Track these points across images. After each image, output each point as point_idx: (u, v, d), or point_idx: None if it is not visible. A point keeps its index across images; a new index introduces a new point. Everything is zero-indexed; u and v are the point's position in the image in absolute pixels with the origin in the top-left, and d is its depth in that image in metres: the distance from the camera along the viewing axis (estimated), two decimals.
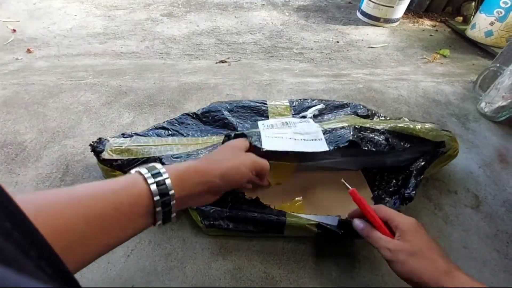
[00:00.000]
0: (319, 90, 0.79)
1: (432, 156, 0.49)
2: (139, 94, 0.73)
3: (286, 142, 0.44)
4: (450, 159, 0.53)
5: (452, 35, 1.45)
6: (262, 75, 0.90)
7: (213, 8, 1.54)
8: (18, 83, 0.76)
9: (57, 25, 1.30)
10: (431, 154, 0.49)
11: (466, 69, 1.11)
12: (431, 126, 0.51)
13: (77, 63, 1.02)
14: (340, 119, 0.53)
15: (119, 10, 1.45)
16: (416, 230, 0.34)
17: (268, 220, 0.42)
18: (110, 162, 0.46)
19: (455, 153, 0.53)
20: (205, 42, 1.25)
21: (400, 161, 0.49)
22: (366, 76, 0.95)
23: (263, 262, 0.43)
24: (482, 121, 0.72)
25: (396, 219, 0.35)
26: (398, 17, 1.47)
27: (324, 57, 1.20)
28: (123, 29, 1.30)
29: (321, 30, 1.41)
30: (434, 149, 0.49)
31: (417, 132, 0.48)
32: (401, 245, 0.33)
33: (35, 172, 0.53)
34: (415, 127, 0.48)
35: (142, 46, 1.19)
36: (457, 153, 0.53)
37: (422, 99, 0.79)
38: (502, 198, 0.54)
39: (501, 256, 0.46)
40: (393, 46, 1.31)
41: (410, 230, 0.34)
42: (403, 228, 0.34)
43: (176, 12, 1.47)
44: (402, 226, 0.34)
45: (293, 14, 1.54)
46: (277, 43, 1.28)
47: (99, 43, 1.19)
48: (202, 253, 0.44)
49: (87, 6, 1.46)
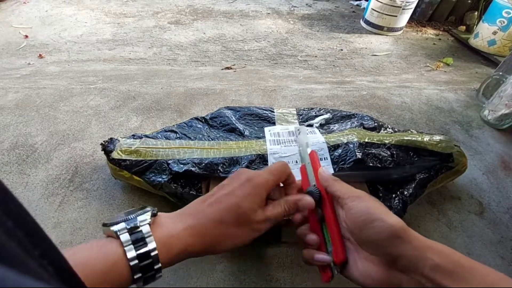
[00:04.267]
0: (323, 97, 0.81)
1: (438, 170, 0.49)
2: (147, 98, 0.75)
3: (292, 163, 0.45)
4: (457, 174, 0.52)
5: (455, 44, 1.47)
6: (267, 82, 0.92)
7: (219, 16, 1.57)
8: (30, 87, 0.78)
9: (68, 31, 1.34)
10: (438, 168, 0.48)
11: (469, 77, 1.12)
12: (440, 138, 0.50)
13: (87, 68, 1.05)
14: (347, 132, 0.53)
15: (128, 17, 1.49)
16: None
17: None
18: (119, 162, 0.47)
19: (463, 169, 0.51)
20: (211, 49, 1.28)
21: (406, 175, 0.49)
22: (370, 83, 0.96)
23: (267, 265, 0.44)
24: (486, 128, 0.72)
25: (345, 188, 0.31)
26: (401, 26, 1.48)
27: (328, 64, 1.22)
28: (132, 36, 1.34)
29: (325, 38, 1.43)
30: (441, 162, 0.48)
31: (425, 145, 0.48)
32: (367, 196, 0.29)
33: (45, 173, 0.54)
34: (423, 140, 0.48)
35: (150, 53, 1.22)
36: (465, 169, 0.52)
37: (426, 106, 0.80)
38: (506, 205, 0.54)
39: (505, 262, 0.46)
40: (397, 54, 1.33)
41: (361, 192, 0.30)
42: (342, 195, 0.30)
43: (184, 20, 1.51)
44: (340, 193, 0.30)
45: (297, 22, 1.57)
46: (282, 51, 1.30)
47: (108, 49, 1.23)
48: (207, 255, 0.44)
49: (97, 14, 1.51)
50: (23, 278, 0.10)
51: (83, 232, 0.46)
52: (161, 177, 0.45)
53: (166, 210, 0.49)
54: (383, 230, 0.25)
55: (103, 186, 0.53)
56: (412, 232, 0.26)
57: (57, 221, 0.47)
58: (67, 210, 0.49)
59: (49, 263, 0.15)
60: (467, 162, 0.52)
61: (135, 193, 0.52)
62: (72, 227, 0.47)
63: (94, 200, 0.51)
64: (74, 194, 0.51)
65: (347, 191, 0.29)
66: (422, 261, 0.24)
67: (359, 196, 0.29)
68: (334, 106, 0.77)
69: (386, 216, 0.26)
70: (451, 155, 0.49)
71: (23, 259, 0.12)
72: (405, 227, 0.26)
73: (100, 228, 0.47)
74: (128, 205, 0.50)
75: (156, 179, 0.45)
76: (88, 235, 0.46)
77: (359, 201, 0.28)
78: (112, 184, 0.53)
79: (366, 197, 0.29)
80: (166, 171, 0.45)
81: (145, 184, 0.48)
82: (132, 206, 0.50)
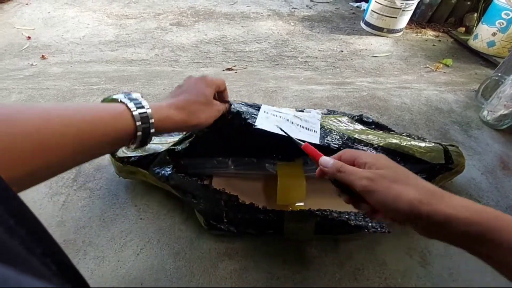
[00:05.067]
0: (324, 98, 0.81)
1: (437, 171, 0.49)
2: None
3: (282, 123, 0.44)
4: (456, 174, 0.52)
5: (454, 45, 1.47)
6: (268, 83, 0.92)
7: (220, 18, 1.58)
8: (33, 88, 0.79)
9: (71, 33, 1.35)
10: (437, 169, 0.48)
11: (468, 78, 1.13)
12: (432, 146, 0.49)
13: (89, 69, 1.05)
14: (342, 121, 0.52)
15: (130, 19, 1.51)
16: (387, 159, 0.30)
17: (268, 216, 0.43)
18: (123, 159, 0.48)
19: (461, 169, 0.52)
20: (213, 50, 1.29)
21: None
22: (370, 84, 0.96)
23: (269, 263, 0.44)
24: (485, 128, 0.73)
25: (363, 156, 0.31)
26: (401, 27, 1.49)
27: (329, 65, 1.23)
28: (134, 37, 1.35)
29: (325, 40, 1.44)
30: (432, 166, 0.48)
31: (414, 152, 0.47)
32: (380, 172, 0.28)
33: None
34: (412, 146, 0.47)
35: (152, 54, 1.23)
36: (463, 169, 0.52)
37: (425, 107, 0.80)
38: (504, 204, 0.55)
39: None
40: (397, 56, 1.34)
41: (381, 161, 0.30)
42: (372, 161, 0.30)
43: (185, 22, 1.52)
44: (371, 160, 0.30)
45: (298, 24, 1.58)
46: (282, 52, 1.31)
47: (110, 51, 1.24)
48: (209, 253, 0.45)
49: (99, 15, 1.52)
50: (24, 277, 0.09)
51: (86, 230, 0.47)
52: (165, 169, 0.46)
53: (171, 206, 0.50)
54: (400, 213, 0.26)
55: (106, 186, 0.54)
56: (434, 201, 0.26)
57: (61, 220, 0.48)
58: (70, 209, 0.50)
59: (52, 260, 0.15)
60: (465, 162, 0.52)
61: (138, 192, 0.53)
62: (76, 225, 0.48)
63: (97, 199, 0.51)
64: (78, 193, 0.52)
65: (354, 180, 0.29)
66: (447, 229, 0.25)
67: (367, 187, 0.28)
68: (334, 107, 0.78)
69: (402, 193, 0.26)
70: (450, 158, 0.49)
71: (25, 257, 0.12)
72: (423, 200, 0.26)
73: (103, 227, 0.48)
74: (131, 203, 0.51)
75: (161, 172, 0.46)
76: (91, 233, 0.47)
77: (370, 194, 0.28)
78: (115, 184, 0.54)
79: (375, 184, 0.28)
80: (170, 164, 0.46)
81: (151, 177, 0.48)
82: (135, 204, 0.51)
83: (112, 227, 0.48)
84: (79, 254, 0.44)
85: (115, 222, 0.48)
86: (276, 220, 0.43)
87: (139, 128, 0.29)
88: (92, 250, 0.45)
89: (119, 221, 0.49)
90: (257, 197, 0.48)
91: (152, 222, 0.49)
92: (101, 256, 0.44)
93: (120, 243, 0.46)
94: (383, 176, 0.28)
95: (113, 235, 0.47)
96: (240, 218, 0.44)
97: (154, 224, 0.48)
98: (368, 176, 0.28)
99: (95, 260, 0.44)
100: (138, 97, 0.31)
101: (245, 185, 0.50)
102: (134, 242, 0.46)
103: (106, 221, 0.48)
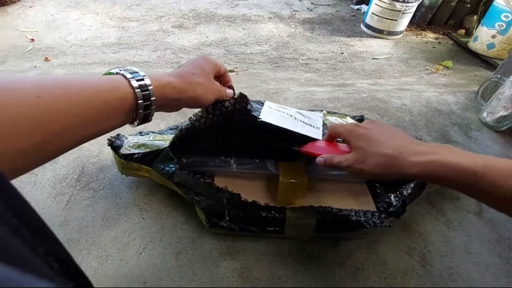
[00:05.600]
0: (324, 99, 0.82)
1: None
2: None
3: (285, 119, 0.45)
4: None
5: (454, 47, 1.48)
6: (269, 84, 0.93)
7: (222, 20, 1.59)
8: None
9: (73, 35, 1.36)
10: None
11: (468, 80, 1.13)
12: None
13: (92, 71, 1.06)
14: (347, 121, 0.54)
15: (132, 21, 1.52)
16: (363, 126, 0.37)
17: (269, 213, 0.44)
18: (126, 156, 0.48)
19: None
20: (214, 52, 1.30)
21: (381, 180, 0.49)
22: (370, 86, 0.97)
23: (270, 262, 0.45)
24: (484, 130, 0.73)
25: (341, 132, 0.39)
26: (401, 29, 1.50)
27: (329, 67, 1.24)
28: (136, 39, 1.36)
29: (326, 42, 1.45)
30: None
31: None
32: (357, 154, 0.35)
33: (52, 173, 0.56)
34: None
35: (154, 56, 1.24)
36: None
37: (425, 108, 0.81)
38: None
39: (503, 261, 0.47)
40: (397, 58, 1.34)
41: (355, 131, 0.37)
42: (349, 137, 0.37)
43: (187, 24, 1.53)
44: (348, 136, 0.37)
45: (299, 26, 1.59)
46: (283, 54, 1.32)
47: (113, 53, 1.25)
48: (210, 252, 0.46)
49: (102, 18, 1.53)
50: (25, 277, 0.09)
51: (89, 230, 0.48)
52: (169, 166, 0.46)
53: (174, 205, 0.51)
54: (383, 165, 0.33)
55: (109, 186, 0.54)
56: (408, 151, 0.33)
57: (64, 219, 0.49)
58: (74, 209, 0.50)
59: (54, 259, 0.15)
60: None
61: (141, 191, 0.53)
62: (79, 225, 0.48)
63: (101, 199, 0.52)
64: (81, 193, 0.53)
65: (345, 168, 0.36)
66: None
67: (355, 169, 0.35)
68: (335, 108, 0.78)
69: (381, 150, 0.33)
70: None
71: (27, 256, 0.12)
72: (398, 156, 0.33)
73: (107, 226, 0.48)
74: (133, 203, 0.52)
75: (165, 168, 0.46)
76: (95, 233, 0.47)
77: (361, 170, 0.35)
78: (118, 184, 0.55)
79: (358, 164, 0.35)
80: (174, 160, 0.46)
81: (154, 174, 0.48)
82: (138, 204, 0.51)
83: (115, 226, 0.48)
84: (82, 253, 0.45)
85: (118, 222, 0.49)
86: (277, 217, 0.44)
87: (139, 95, 0.29)
88: (96, 249, 0.45)
89: (122, 220, 0.49)
90: (259, 196, 0.48)
91: (154, 222, 0.49)
92: (104, 255, 0.45)
93: (123, 242, 0.46)
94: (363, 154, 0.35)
95: (116, 235, 0.47)
96: (242, 216, 0.44)
97: (156, 224, 0.49)
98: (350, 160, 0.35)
99: (98, 259, 0.44)
100: (135, 70, 0.31)
101: (247, 184, 0.50)
102: (136, 242, 0.46)
103: (109, 221, 0.49)
